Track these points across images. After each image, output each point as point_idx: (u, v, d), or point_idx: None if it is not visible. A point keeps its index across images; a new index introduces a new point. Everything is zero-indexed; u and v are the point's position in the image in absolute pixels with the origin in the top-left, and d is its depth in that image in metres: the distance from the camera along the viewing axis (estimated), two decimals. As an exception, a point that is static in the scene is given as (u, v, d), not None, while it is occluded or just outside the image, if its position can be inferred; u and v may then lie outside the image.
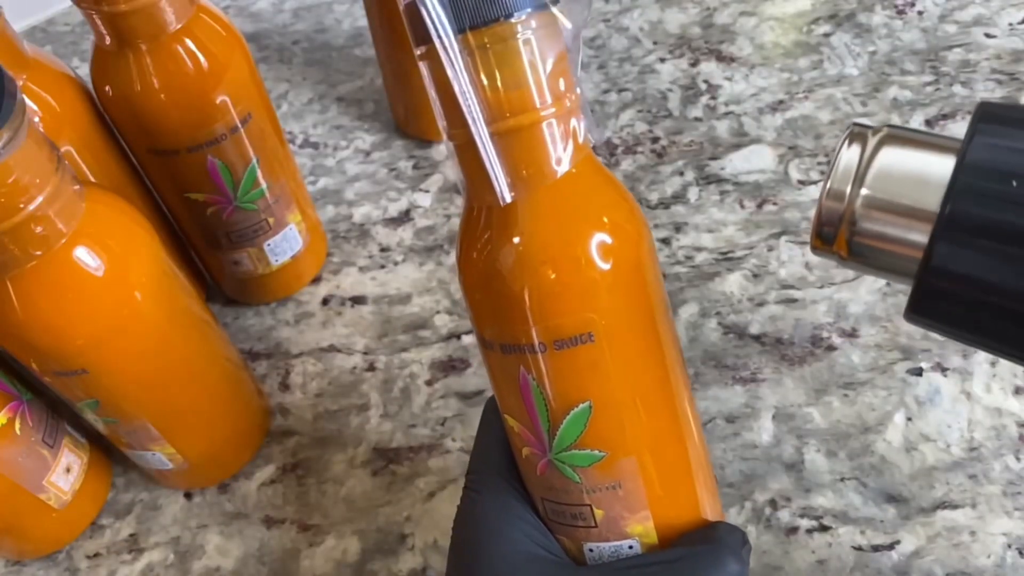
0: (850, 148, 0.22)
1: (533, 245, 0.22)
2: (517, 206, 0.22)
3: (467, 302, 0.25)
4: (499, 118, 0.21)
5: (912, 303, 0.21)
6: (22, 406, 0.37)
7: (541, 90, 0.21)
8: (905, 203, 0.21)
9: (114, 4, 0.34)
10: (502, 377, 0.25)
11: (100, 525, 0.41)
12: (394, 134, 0.57)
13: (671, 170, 0.51)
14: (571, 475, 0.24)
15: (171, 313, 0.35)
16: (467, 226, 0.24)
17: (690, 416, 0.26)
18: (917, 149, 0.21)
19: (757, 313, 0.44)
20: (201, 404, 0.38)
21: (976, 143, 0.20)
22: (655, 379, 0.24)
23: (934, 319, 0.22)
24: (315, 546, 0.39)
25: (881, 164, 0.21)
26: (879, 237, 0.21)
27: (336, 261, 0.51)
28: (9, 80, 0.27)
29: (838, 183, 0.21)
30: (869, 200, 0.21)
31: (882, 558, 0.35)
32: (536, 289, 0.22)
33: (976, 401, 0.39)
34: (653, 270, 0.24)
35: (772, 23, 0.60)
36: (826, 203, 0.22)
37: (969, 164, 0.20)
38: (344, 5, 0.69)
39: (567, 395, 0.23)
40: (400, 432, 0.42)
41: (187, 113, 0.38)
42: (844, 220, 0.21)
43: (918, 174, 0.21)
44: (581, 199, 0.23)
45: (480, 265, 0.23)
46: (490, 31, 0.20)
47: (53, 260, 0.30)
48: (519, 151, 0.22)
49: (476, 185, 0.23)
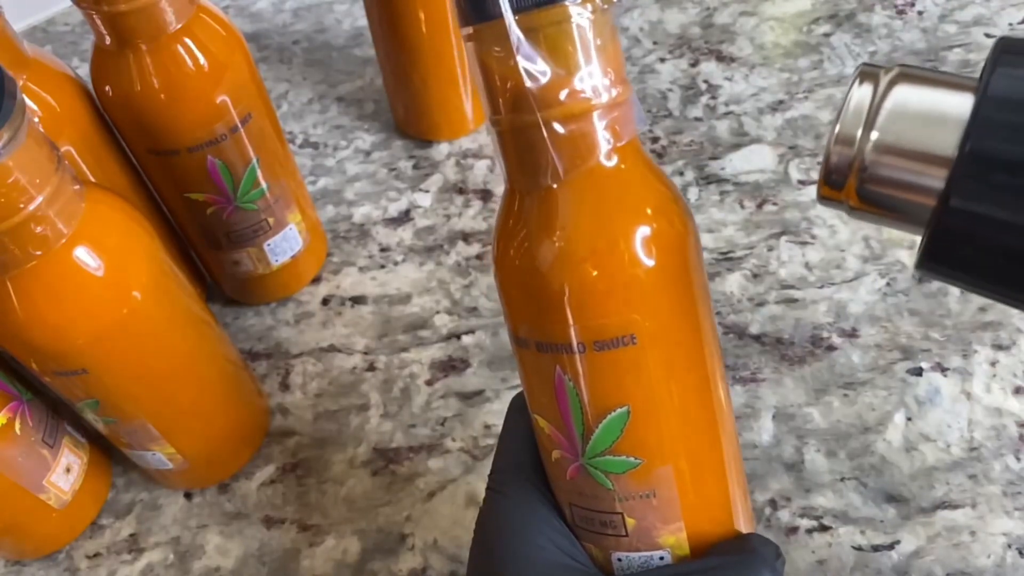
0: (861, 87, 0.20)
1: (575, 240, 0.21)
2: (559, 198, 0.21)
3: (502, 297, 0.24)
4: (550, 104, 0.20)
5: (927, 250, 0.20)
6: (22, 406, 0.37)
7: (593, 77, 0.20)
8: (920, 145, 0.19)
9: (114, 4, 0.34)
10: (535, 376, 0.24)
11: (100, 525, 0.41)
12: (394, 134, 0.57)
13: (671, 170, 0.51)
14: (603, 481, 0.23)
15: (171, 313, 0.35)
16: (505, 218, 0.23)
17: (728, 418, 0.25)
18: (932, 87, 0.20)
19: (757, 313, 0.44)
20: (201, 404, 0.38)
21: (998, 74, 0.19)
22: (697, 384, 0.23)
23: (949, 266, 0.20)
24: (315, 546, 0.39)
25: (894, 104, 0.20)
26: (891, 183, 0.20)
27: (336, 261, 0.51)
28: (9, 80, 0.27)
29: (848, 127, 0.20)
30: (881, 144, 0.20)
31: (882, 558, 0.35)
32: (577, 287, 0.21)
33: (976, 401, 0.39)
34: (699, 269, 0.23)
35: (772, 23, 0.60)
36: (835, 148, 0.20)
37: (991, 97, 0.18)
38: (344, 5, 0.69)
39: (605, 398, 0.22)
40: (400, 432, 0.42)
41: (187, 113, 0.38)
42: (854, 166, 0.20)
43: (934, 112, 0.19)
44: (627, 193, 0.21)
45: (518, 259, 0.22)
46: (546, 13, 0.19)
47: (53, 260, 0.30)
48: (566, 139, 0.21)
49: (519, 171, 0.22)
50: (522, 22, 0.19)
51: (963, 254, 0.20)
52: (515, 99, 0.20)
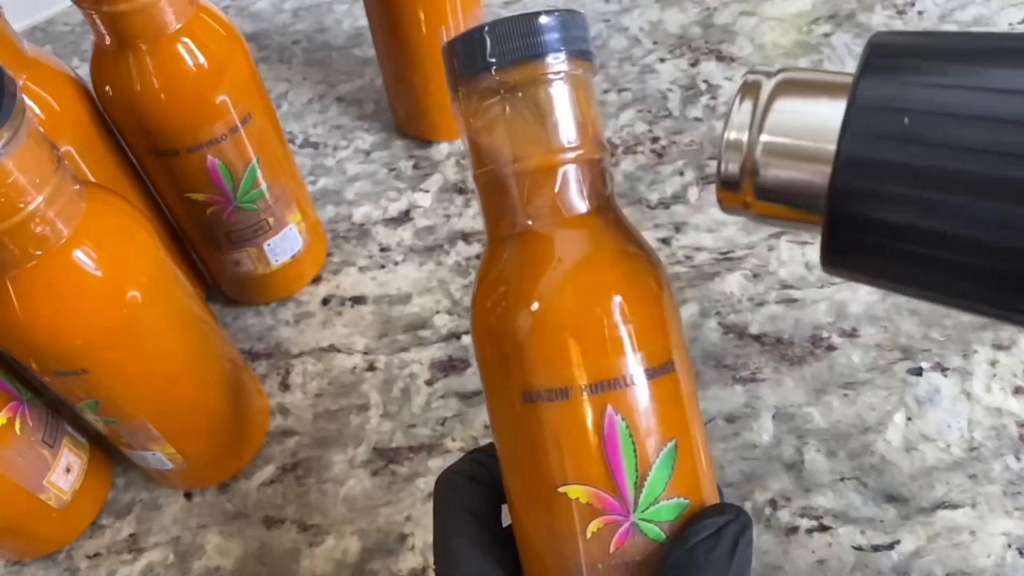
0: (742, 105, 0.21)
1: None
2: (548, 243, 0.22)
3: (524, 351, 0.21)
4: (523, 158, 0.21)
5: (822, 253, 0.21)
6: (22, 406, 0.37)
7: (568, 134, 0.21)
8: (804, 153, 0.20)
9: (114, 4, 0.34)
10: (567, 434, 0.21)
11: (100, 525, 0.41)
12: (394, 134, 0.57)
13: (671, 170, 0.51)
14: (657, 536, 0.21)
15: (171, 313, 0.35)
16: (496, 275, 0.22)
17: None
18: (811, 96, 0.20)
19: (757, 313, 0.44)
20: (201, 404, 0.38)
21: (865, 82, 0.19)
22: (699, 412, 0.23)
23: (846, 268, 0.21)
24: (315, 546, 0.39)
25: (775, 117, 0.21)
26: (782, 188, 0.21)
27: (336, 261, 0.51)
28: (9, 80, 0.27)
29: (735, 134, 0.21)
30: (769, 147, 0.21)
31: (882, 558, 0.35)
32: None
33: (976, 401, 0.39)
34: (676, 310, 0.23)
35: (772, 23, 0.60)
36: (726, 154, 0.21)
37: (859, 106, 0.19)
38: (344, 5, 0.69)
39: (657, 433, 0.21)
40: (400, 432, 0.42)
41: (187, 113, 0.38)
42: (746, 171, 0.21)
43: (813, 123, 0.20)
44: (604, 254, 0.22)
45: (565, 297, 0.21)
46: (523, 69, 0.21)
47: (53, 260, 0.30)
48: (544, 190, 0.21)
49: (498, 219, 0.23)
50: (504, 77, 0.21)
51: (855, 258, 0.20)
52: (489, 152, 0.21)
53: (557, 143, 0.21)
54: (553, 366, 0.21)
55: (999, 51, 0.18)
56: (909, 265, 0.19)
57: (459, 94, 0.22)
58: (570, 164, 0.21)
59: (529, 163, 0.21)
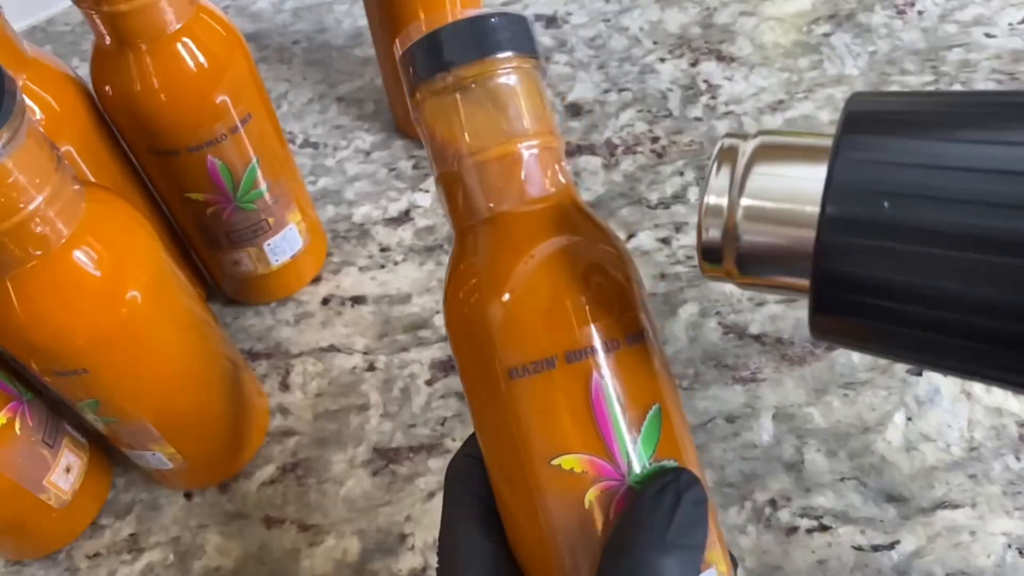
0: (720, 171, 0.22)
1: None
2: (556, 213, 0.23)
3: (502, 327, 0.22)
4: (481, 150, 0.23)
5: (811, 316, 0.21)
6: (22, 406, 0.37)
7: (525, 122, 0.23)
8: (787, 216, 0.20)
9: (114, 4, 0.34)
10: (557, 402, 0.22)
11: (100, 525, 0.41)
12: (394, 134, 0.57)
13: (671, 170, 0.51)
14: None
15: (171, 313, 0.35)
16: (467, 264, 0.23)
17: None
18: (789, 160, 0.21)
19: (757, 313, 0.44)
20: (201, 404, 0.38)
21: (841, 160, 0.19)
22: (675, 384, 0.24)
23: (834, 332, 0.21)
24: (315, 546, 0.39)
25: (756, 181, 0.21)
26: (765, 251, 0.21)
27: (336, 261, 0.51)
28: (9, 80, 0.27)
29: (715, 199, 0.21)
30: (750, 212, 0.21)
31: (882, 558, 0.35)
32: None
33: (976, 401, 0.39)
34: (641, 287, 0.24)
35: (772, 23, 0.60)
36: (706, 220, 0.22)
37: (836, 188, 0.19)
38: (344, 5, 0.69)
39: (642, 397, 0.22)
40: (400, 432, 0.42)
41: (187, 113, 0.38)
42: (727, 236, 0.21)
43: (794, 186, 0.20)
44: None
45: (541, 264, 0.22)
46: (477, 65, 0.22)
47: (53, 260, 0.30)
48: (497, 180, 0.23)
49: (464, 211, 0.24)
50: (461, 73, 0.22)
51: (845, 319, 0.20)
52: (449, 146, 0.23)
53: (514, 131, 0.23)
54: (537, 338, 0.22)
55: (975, 117, 0.18)
56: (900, 325, 0.19)
57: (418, 98, 0.23)
58: (528, 151, 0.23)
59: (490, 152, 0.23)
